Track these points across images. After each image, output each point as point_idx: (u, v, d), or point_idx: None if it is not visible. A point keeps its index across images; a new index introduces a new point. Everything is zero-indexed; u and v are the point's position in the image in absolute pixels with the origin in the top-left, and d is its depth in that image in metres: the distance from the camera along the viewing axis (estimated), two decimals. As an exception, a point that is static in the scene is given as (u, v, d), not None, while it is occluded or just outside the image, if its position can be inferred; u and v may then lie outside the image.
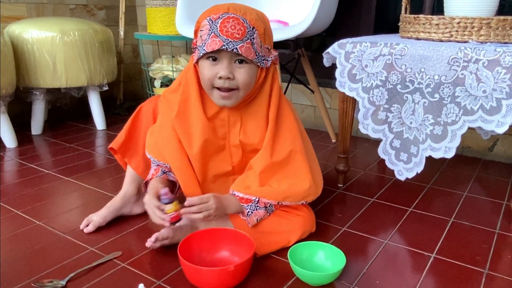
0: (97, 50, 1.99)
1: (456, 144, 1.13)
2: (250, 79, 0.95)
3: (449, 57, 1.09)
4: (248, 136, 1.02)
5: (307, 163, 1.02)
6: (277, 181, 1.00)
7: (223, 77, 0.92)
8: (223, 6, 0.93)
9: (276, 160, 0.99)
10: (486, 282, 0.94)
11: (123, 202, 1.18)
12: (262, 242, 0.99)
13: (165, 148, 1.04)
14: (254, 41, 0.92)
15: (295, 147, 1.01)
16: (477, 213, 1.28)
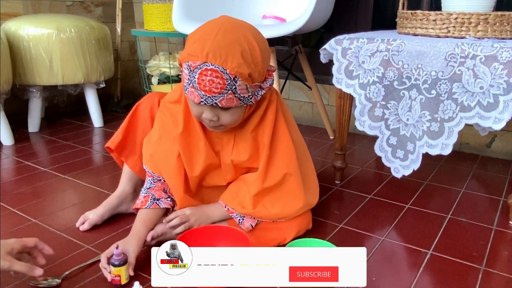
0: (93, 47, 1.98)
1: (453, 141, 1.13)
2: (236, 119, 0.92)
3: (446, 53, 1.09)
4: (240, 155, 1.00)
5: (301, 184, 1.01)
6: (270, 201, 1.00)
7: (206, 119, 0.90)
8: (203, 49, 0.82)
9: (268, 185, 0.99)
10: (483, 278, 0.94)
11: (120, 201, 1.17)
12: (259, 239, 0.99)
13: (163, 163, 1.01)
14: (236, 89, 0.85)
15: (290, 170, 0.99)
16: (475, 209, 1.27)
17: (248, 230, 1.01)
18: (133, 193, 1.19)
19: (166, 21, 2.06)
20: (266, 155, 0.98)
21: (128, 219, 1.17)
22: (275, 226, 1.02)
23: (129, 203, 1.18)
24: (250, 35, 0.87)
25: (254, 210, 0.99)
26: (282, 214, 1.01)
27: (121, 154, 1.16)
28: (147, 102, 1.16)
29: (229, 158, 1.01)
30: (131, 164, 1.15)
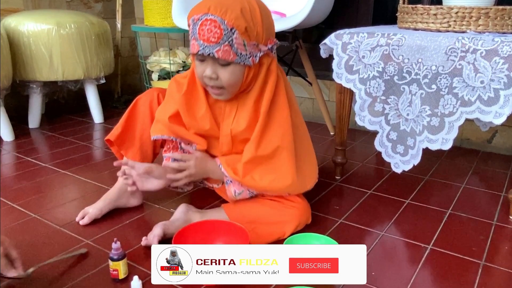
0: (93, 42, 1.98)
1: (454, 136, 1.13)
2: (234, 79, 0.96)
3: (447, 47, 1.08)
4: (239, 124, 1.03)
5: (293, 160, 1.02)
6: (259, 174, 1.01)
7: (207, 76, 0.95)
8: (206, 4, 0.90)
9: (260, 154, 1.00)
10: (483, 273, 0.94)
11: (119, 194, 1.17)
12: (258, 234, 0.99)
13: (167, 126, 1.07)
14: (233, 42, 0.90)
15: (283, 144, 1.01)
16: (475, 205, 1.27)
17: (232, 198, 1.04)
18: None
19: (166, 16, 2.06)
20: (261, 123, 1.00)
21: (127, 213, 1.18)
22: (273, 220, 1.02)
23: (128, 197, 1.18)
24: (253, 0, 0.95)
25: (243, 178, 1.01)
26: (269, 188, 1.02)
27: (120, 146, 1.16)
28: (146, 97, 1.17)
29: (228, 128, 1.04)
30: (131, 155, 1.15)
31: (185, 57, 2.17)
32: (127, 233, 1.09)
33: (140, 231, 1.07)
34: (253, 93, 1.01)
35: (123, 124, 1.16)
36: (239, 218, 1.01)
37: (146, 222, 1.14)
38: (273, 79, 1.01)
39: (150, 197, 1.29)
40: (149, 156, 1.18)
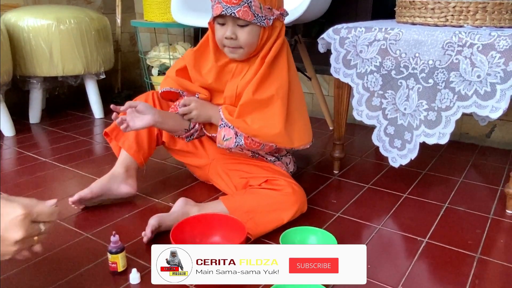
0: (93, 38, 1.99)
1: (450, 130, 1.13)
2: (252, 39, 1.08)
3: (444, 41, 1.08)
4: (245, 80, 1.12)
5: (284, 113, 1.10)
6: (251, 119, 1.09)
7: (227, 37, 1.07)
8: None
9: (256, 98, 1.08)
10: (478, 266, 0.95)
11: (111, 178, 1.19)
12: (256, 223, 1.00)
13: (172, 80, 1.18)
14: (251, 4, 1.03)
15: (278, 94, 1.09)
16: (472, 198, 1.28)
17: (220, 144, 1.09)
18: (124, 173, 1.20)
19: (166, 11, 2.06)
20: (262, 71, 1.09)
21: (127, 208, 1.19)
22: (272, 208, 1.04)
23: (120, 183, 1.19)
24: None
25: (237, 119, 1.08)
26: (258, 133, 1.07)
27: (117, 139, 1.21)
28: (142, 95, 1.25)
29: (235, 85, 1.12)
30: (126, 146, 1.20)
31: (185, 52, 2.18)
32: (126, 226, 1.10)
33: (139, 225, 1.08)
34: (263, 52, 1.11)
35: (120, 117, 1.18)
36: (237, 209, 1.03)
37: (145, 216, 1.15)
38: (281, 40, 1.13)
39: (150, 191, 1.30)
40: (145, 149, 1.22)
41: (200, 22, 1.73)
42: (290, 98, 1.12)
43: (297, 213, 1.08)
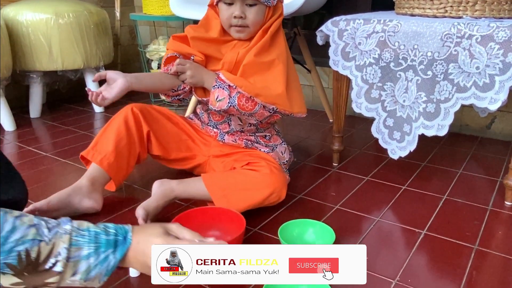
0: (92, 32, 1.98)
1: (449, 122, 1.13)
2: (259, 18, 1.13)
3: (442, 33, 1.08)
4: (244, 51, 1.14)
5: (285, 77, 1.14)
6: (254, 80, 1.12)
7: (237, 16, 1.10)
8: None
9: (259, 60, 1.12)
10: (475, 257, 0.95)
11: (73, 191, 1.09)
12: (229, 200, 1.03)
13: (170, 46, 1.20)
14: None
15: (279, 59, 1.14)
16: (471, 190, 1.28)
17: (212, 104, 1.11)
18: (90, 186, 1.11)
19: (165, 4, 2.05)
20: (266, 38, 1.14)
21: (125, 203, 1.19)
22: (247, 187, 1.05)
23: (83, 196, 1.09)
24: None
25: (239, 77, 1.11)
26: (260, 92, 1.10)
27: (94, 158, 1.14)
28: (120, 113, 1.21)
29: (235, 52, 1.15)
30: (98, 159, 1.13)
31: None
32: (125, 220, 1.10)
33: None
34: (264, 26, 1.15)
35: (96, 138, 1.19)
36: (214, 185, 1.05)
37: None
38: (281, 18, 1.18)
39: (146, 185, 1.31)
40: (123, 167, 1.16)
41: (199, 15, 1.72)
42: (288, 69, 1.17)
43: (273, 197, 1.06)
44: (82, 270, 0.60)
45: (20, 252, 0.56)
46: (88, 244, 0.61)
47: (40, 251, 0.57)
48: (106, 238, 0.63)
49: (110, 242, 0.63)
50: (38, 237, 0.57)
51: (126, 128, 1.16)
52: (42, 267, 0.57)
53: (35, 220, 0.59)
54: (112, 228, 0.65)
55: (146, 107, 1.23)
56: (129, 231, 0.66)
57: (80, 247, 0.61)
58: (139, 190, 1.28)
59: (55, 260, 0.58)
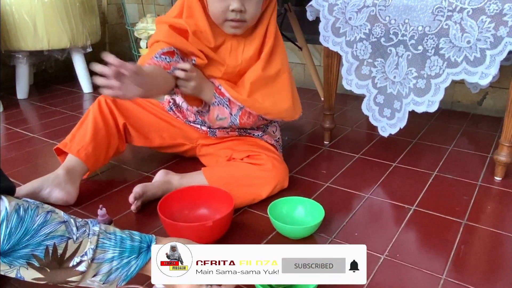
0: (78, 10, 1.93)
1: (440, 98, 1.12)
2: (258, 11, 1.03)
3: (433, 6, 1.06)
4: (248, 52, 1.07)
5: (290, 85, 1.10)
6: (261, 96, 1.06)
7: (235, 10, 0.97)
8: None
9: (266, 74, 1.06)
10: (464, 231, 0.96)
11: (43, 181, 1.04)
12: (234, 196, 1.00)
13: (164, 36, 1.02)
14: None
15: (283, 67, 1.09)
16: (461, 166, 1.28)
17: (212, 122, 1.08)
18: (65, 176, 1.05)
19: (152, -19, 2.00)
20: (270, 45, 1.07)
21: (116, 183, 1.18)
22: (250, 183, 1.04)
23: (54, 187, 1.03)
24: None
25: (248, 98, 1.04)
26: (270, 110, 1.07)
27: (72, 150, 1.09)
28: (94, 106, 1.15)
29: (239, 59, 1.07)
30: (76, 150, 1.08)
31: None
32: (115, 200, 1.10)
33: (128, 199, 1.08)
34: (262, 26, 1.07)
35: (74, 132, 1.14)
36: (217, 181, 1.03)
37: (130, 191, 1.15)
38: (274, 19, 1.10)
39: (139, 165, 1.30)
40: (101, 159, 1.14)
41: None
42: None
43: (276, 189, 1.07)
44: (103, 272, 0.62)
45: (48, 246, 0.57)
46: (114, 248, 0.62)
47: (67, 248, 0.58)
48: (131, 244, 0.64)
49: (135, 248, 0.64)
50: (67, 234, 0.59)
51: (103, 119, 1.13)
52: (67, 264, 0.59)
53: (65, 216, 0.61)
54: (137, 235, 0.66)
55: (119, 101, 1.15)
56: (153, 240, 0.67)
57: (105, 250, 0.62)
58: (129, 171, 1.27)
59: (79, 259, 0.59)
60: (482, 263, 0.86)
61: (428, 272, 0.83)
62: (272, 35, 1.08)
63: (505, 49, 1.00)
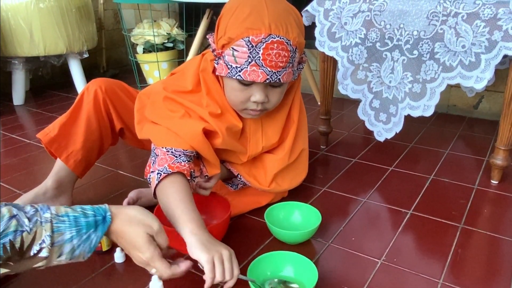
0: (74, 16, 1.93)
1: (435, 102, 1.12)
2: (280, 98, 0.90)
3: (428, 11, 1.06)
4: (269, 139, 0.98)
5: (308, 157, 1.07)
6: (281, 177, 1.01)
7: (258, 101, 0.84)
8: (262, 20, 0.77)
9: (291, 161, 1.01)
10: (461, 235, 0.96)
11: (36, 196, 0.99)
12: (234, 205, 1.00)
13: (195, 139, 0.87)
14: (294, 61, 0.84)
15: (305, 145, 1.04)
16: (458, 170, 1.28)
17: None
18: (55, 190, 1.01)
19: (149, -14, 2.01)
20: (294, 132, 0.99)
21: (114, 187, 1.18)
22: (250, 193, 1.03)
23: (46, 201, 0.99)
24: (287, 2, 0.85)
25: (270, 187, 1.00)
26: (289, 187, 1.05)
27: (59, 152, 1.00)
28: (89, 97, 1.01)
29: (260, 146, 0.97)
30: (64, 156, 0.99)
31: (170, 29, 2.13)
32: (111, 206, 1.09)
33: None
34: (286, 106, 0.97)
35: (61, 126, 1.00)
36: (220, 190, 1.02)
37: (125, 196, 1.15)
38: (299, 87, 0.99)
39: (136, 171, 1.30)
40: (91, 164, 1.06)
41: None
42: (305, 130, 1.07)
43: (277, 198, 1.07)
44: (66, 251, 0.63)
45: (5, 243, 0.58)
46: (70, 228, 0.63)
47: (24, 241, 0.59)
48: (86, 220, 0.65)
49: (90, 223, 0.65)
50: (20, 227, 0.59)
51: (97, 119, 1.01)
52: (27, 254, 0.60)
53: (14, 210, 0.61)
54: (89, 210, 0.67)
55: (117, 95, 1.04)
56: (107, 210, 0.67)
57: (62, 232, 0.63)
58: (126, 177, 1.27)
59: (39, 247, 0.60)
60: (479, 267, 0.86)
61: (425, 276, 0.83)
62: (296, 115, 0.98)
63: (499, 53, 1.00)
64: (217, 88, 0.90)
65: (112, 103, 1.03)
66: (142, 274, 0.83)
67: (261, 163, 1.00)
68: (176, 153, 0.86)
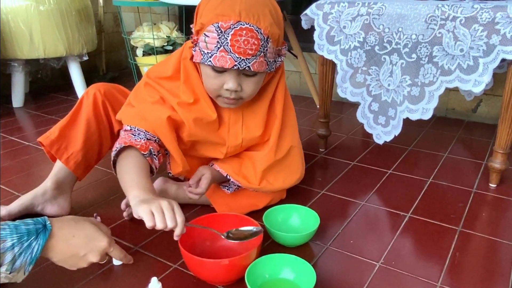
0: (74, 18, 1.94)
1: (434, 105, 1.13)
2: (257, 88, 0.89)
3: (427, 15, 1.07)
4: (251, 131, 0.97)
5: (301, 155, 1.05)
6: (273, 176, 1.01)
7: (230, 89, 0.84)
8: (234, 8, 0.78)
9: (279, 157, 1.00)
10: (459, 238, 0.96)
11: (35, 197, 1.00)
12: (231, 208, 1.00)
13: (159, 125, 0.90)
14: (267, 52, 0.82)
15: (294, 142, 1.02)
16: (456, 173, 1.29)
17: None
18: (54, 191, 1.02)
19: (149, -10, 2.01)
20: (278, 127, 0.98)
21: (112, 190, 1.18)
22: (248, 195, 1.03)
23: (44, 203, 1.01)
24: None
25: (260, 186, 0.99)
26: (283, 187, 1.04)
27: (59, 154, 1.00)
28: (88, 100, 1.02)
29: (239, 138, 0.97)
30: (64, 158, 1.00)
31: (169, 32, 2.14)
32: (111, 209, 1.09)
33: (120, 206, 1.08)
34: (266, 99, 0.96)
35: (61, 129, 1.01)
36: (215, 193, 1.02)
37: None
38: (283, 82, 0.99)
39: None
40: (91, 166, 1.07)
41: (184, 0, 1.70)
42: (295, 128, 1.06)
43: (274, 201, 1.07)
44: (8, 261, 0.62)
45: None
46: (11, 235, 0.63)
47: None
48: (27, 228, 0.65)
49: (31, 230, 0.65)
50: None
51: (96, 121, 1.01)
52: None
53: None
54: (29, 220, 0.67)
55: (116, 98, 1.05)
56: (46, 219, 0.68)
57: (4, 240, 0.62)
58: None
59: None
60: (477, 270, 0.86)
61: (424, 279, 0.83)
62: (279, 110, 0.97)
63: (497, 57, 1.01)
64: (196, 75, 0.91)
65: (111, 106, 1.04)
66: (140, 277, 0.83)
67: (250, 161, 1.01)
68: (136, 132, 0.90)
